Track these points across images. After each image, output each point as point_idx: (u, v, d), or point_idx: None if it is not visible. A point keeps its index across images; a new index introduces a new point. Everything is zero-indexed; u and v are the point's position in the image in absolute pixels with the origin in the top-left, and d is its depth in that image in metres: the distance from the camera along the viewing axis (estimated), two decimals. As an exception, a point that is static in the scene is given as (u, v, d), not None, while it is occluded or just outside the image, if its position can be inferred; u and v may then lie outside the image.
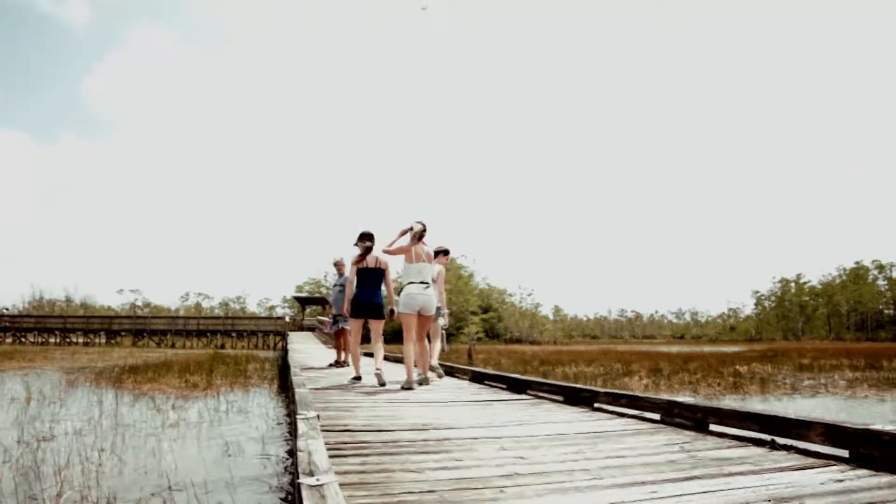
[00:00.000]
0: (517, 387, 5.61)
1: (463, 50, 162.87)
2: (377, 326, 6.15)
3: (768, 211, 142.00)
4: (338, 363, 9.56)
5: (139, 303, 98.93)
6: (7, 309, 54.26)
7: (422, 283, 5.67)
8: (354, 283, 6.09)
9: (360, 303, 6.05)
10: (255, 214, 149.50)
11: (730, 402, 9.15)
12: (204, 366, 14.59)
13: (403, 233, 5.80)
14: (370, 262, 6.06)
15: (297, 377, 5.85)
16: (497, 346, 41.53)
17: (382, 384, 5.70)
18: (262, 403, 8.99)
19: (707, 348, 37.74)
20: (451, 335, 50.45)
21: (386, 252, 5.90)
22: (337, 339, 9.76)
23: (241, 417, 7.35)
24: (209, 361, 16.60)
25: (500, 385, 6.06)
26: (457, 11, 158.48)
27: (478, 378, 6.74)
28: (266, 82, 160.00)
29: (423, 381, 5.98)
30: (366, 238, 6.09)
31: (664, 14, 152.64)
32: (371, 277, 6.07)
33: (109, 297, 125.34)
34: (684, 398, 4.09)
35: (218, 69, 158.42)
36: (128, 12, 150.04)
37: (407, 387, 5.48)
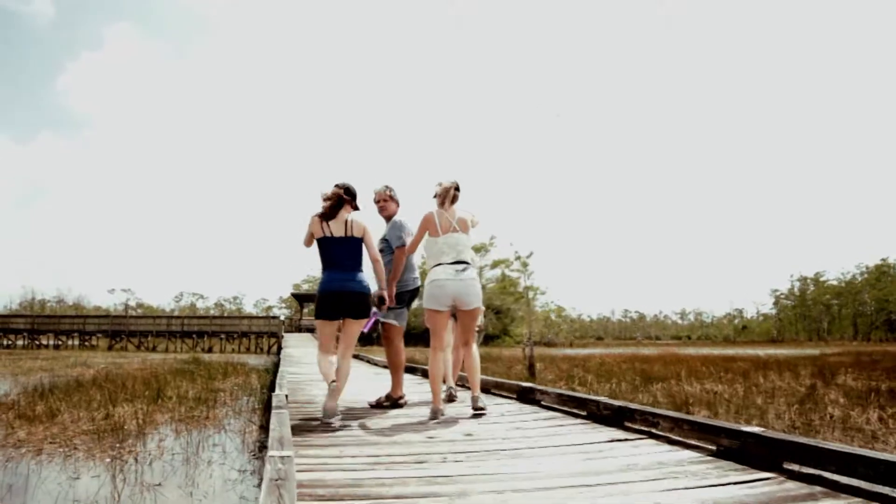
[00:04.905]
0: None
1: (463, 37, 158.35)
2: (352, 329, 3.88)
3: (770, 209, 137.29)
4: (393, 400, 4.82)
5: (132, 303, 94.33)
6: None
7: (455, 262, 3.91)
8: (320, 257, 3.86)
9: (329, 293, 3.77)
10: (252, 212, 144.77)
11: None
12: (154, 384, 9.80)
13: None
14: (335, 227, 3.81)
15: None
16: (547, 352, 36.68)
17: (329, 423, 3.69)
18: (212, 495, 4.21)
19: (750, 350, 33.10)
20: (494, 338, 43.29)
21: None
22: (387, 346, 4.96)
23: None
24: (170, 374, 11.85)
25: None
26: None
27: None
28: (255, 73, 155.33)
29: (451, 398, 4.42)
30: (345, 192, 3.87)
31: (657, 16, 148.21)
32: (344, 251, 3.82)
33: (104, 297, 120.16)
34: None
35: (202, 62, 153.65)
36: (96, 9, 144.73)
37: (432, 417, 3.81)
